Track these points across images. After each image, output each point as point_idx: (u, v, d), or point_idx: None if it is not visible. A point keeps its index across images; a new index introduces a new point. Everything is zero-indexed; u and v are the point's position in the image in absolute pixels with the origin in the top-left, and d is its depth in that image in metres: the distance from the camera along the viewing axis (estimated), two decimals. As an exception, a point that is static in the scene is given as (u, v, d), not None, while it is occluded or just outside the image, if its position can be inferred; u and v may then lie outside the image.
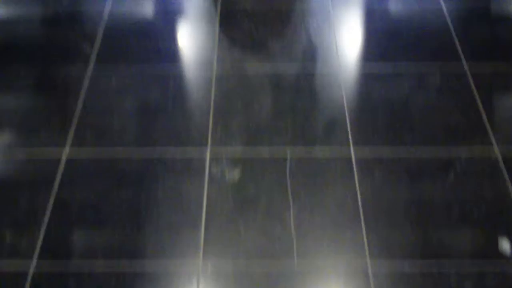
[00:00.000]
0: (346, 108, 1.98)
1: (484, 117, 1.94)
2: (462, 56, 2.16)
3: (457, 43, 2.22)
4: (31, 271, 1.60)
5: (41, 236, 1.65)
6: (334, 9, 2.40)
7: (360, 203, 1.70)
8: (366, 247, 1.63)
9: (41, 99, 2.06)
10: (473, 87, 2.04)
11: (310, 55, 2.20)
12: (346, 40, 2.26)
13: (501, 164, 1.80)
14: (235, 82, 2.09)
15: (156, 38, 2.28)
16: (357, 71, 2.13)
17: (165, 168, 1.80)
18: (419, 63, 2.14)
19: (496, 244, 1.63)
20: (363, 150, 1.84)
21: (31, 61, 2.19)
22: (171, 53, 2.22)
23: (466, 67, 2.12)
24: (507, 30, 2.31)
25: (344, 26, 2.33)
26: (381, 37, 2.27)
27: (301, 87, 2.06)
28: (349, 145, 1.85)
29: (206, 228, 1.67)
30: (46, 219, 1.68)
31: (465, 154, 1.82)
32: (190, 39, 2.31)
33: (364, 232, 1.66)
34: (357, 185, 1.75)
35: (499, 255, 1.61)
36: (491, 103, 2.00)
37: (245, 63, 2.17)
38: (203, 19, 2.38)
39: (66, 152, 1.84)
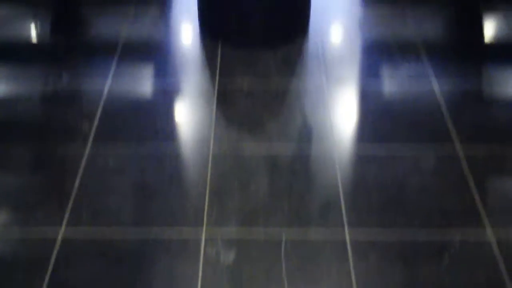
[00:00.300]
0: (341, 190, 2.05)
1: (478, 200, 2.01)
2: (455, 138, 2.25)
3: (450, 125, 2.32)
4: None
5: (35, 318, 1.69)
6: (329, 90, 2.51)
7: (354, 286, 1.75)
8: (361, 332, 1.67)
9: (38, 178, 2.13)
10: (466, 169, 2.13)
11: (306, 136, 2.29)
12: (341, 120, 2.36)
13: (495, 248, 1.86)
14: (231, 162, 2.17)
15: (154, 117, 2.38)
16: (352, 152, 2.22)
17: (161, 249, 1.86)
18: (413, 145, 2.23)
19: (491, 330, 1.67)
20: (358, 233, 1.90)
21: (29, 139, 2.28)
22: (169, 131, 2.32)
23: (459, 149, 2.21)
24: (499, 113, 2.42)
25: (339, 106, 2.44)
26: (376, 118, 2.38)
27: (297, 168, 2.14)
28: (343, 227, 1.92)
29: (200, 311, 1.71)
30: (40, 300, 1.72)
31: (459, 238, 1.89)
32: (187, 117, 2.41)
33: (359, 316, 1.70)
34: (351, 268, 1.80)
35: None
36: (484, 186, 2.08)
37: (242, 142, 2.26)
38: (200, 98, 2.49)
39: (62, 232, 1.90)
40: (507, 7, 3.07)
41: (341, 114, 2.40)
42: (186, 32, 2.99)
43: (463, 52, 2.78)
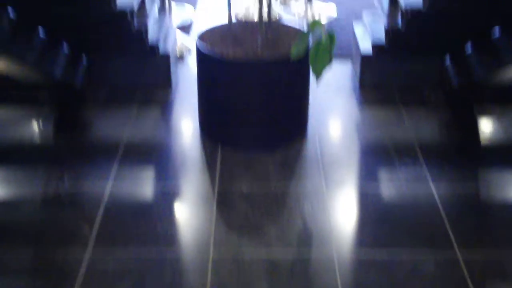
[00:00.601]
0: (341, 295, 2.10)
1: (479, 306, 2.06)
2: (454, 243, 2.32)
3: (449, 229, 2.39)
4: None
5: None
6: (328, 193, 2.60)
7: None
8: None
9: (36, 283, 2.16)
10: (466, 274, 2.18)
11: (305, 240, 2.36)
12: (341, 224, 2.43)
13: None
14: (231, 267, 2.22)
15: (154, 220, 2.45)
16: (352, 256, 2.28)
17: None
18: (413, 249, 2.29)
19: None
20: None
21: (28, 242, 2.34)
22: (169, 235, 2.38)
23: (458, 254, 2.27)
24: (497, 217, 2.50)
25: (338, 210, 2.51)
26: (375, 222, 2.45)
27: (297, 272, 2.19)
28: (344, 335, 1.95)
29: None
30: None
31: None
32: (187, 221, 2.47)
33: None
34: None
35: None
36: (485, 292, 2.13)
37: (241, 247, 2.31)
38: (200, 201, 2.57)
39: None
40: (501, 111, 3.21)
41: (341, 218, 2.47)
42: (187, 133, 3.11)
43: (460, 155, 2.89)
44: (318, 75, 2.44)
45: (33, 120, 3.16)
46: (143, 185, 2.69)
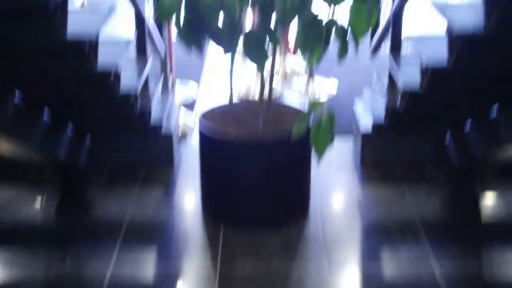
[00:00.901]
0: None
1: None
2: (458, 325, 2.34)
3: (453, 310, 2.41)
4: None
5: None
6: (331, 273, 2.62)
7: None
8: None
9: None
10: None
11: (308, 323, 2.38)
12: (343, 306, 2.46)
13: None
14: None
15: (156, 303, 2.48)
16: None
17: None
18: (416, 332, 2.31)
19: None
20: None
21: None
22: (170, 319, 2.40)
23: (463, 336, 2.28)
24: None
25: (341, 291, 2.54)
26: (378, 303, 2.48)
27: None
28: None
29: None
30: None
31: None
32: (189, 303, 2.51)
33: None
34: None
35: None
36: None
37: (243, 331, 2.34)
38: (202, 282, 2.60)
39: None
40: (503, 187, 3.27)
41: (343, 299, 2.50)
42: (189, 213, 3.16)
43: (462, 232, 2.93)
44: (320, 155, 2.52)
45: (36, 200, 3.23)
46: (145, 266, 2.72)
